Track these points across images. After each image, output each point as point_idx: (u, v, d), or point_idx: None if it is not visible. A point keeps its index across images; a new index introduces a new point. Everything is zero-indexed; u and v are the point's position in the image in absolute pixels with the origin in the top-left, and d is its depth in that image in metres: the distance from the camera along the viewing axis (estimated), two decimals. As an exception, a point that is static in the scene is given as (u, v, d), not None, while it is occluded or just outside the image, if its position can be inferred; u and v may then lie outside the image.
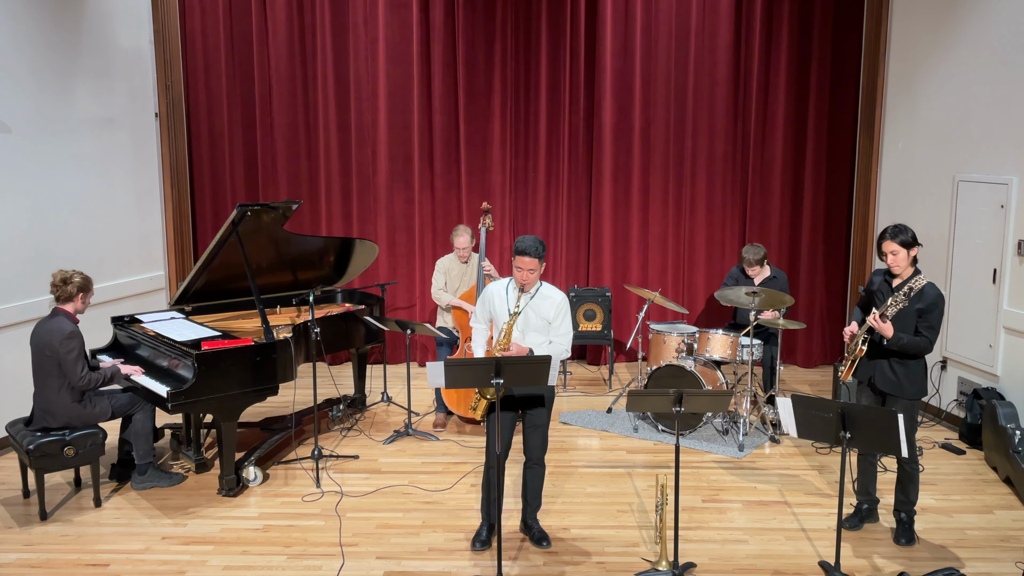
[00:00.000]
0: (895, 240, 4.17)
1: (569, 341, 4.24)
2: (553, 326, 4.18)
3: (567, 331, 4.22)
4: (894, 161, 6.96)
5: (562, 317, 4.19)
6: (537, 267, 4.07)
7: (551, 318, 4.16)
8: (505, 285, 4.24)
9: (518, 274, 4.09)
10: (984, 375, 5.85)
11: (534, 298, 4.16)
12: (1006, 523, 4.62)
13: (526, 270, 4.06)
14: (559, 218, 7.66)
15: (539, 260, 4.06)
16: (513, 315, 4.10)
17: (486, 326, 4.39)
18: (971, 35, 5.96)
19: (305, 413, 6.01)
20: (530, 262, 4.04)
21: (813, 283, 7.67)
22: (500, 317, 4.21)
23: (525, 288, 4.13)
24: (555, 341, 4.20)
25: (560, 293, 4.21)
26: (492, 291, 4.27)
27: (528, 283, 4.10)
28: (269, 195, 7.65)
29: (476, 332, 4.42)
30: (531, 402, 4.19)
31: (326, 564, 4.16)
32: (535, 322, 4.16)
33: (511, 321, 4.10)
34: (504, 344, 4.11)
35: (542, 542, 4.34)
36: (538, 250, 4.04)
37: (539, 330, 4.18)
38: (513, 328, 4.13)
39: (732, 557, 4.24)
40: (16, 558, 4.22)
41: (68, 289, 4.66)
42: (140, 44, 7.00)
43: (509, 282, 4.23)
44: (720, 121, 7.47)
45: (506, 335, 4.12)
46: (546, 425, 4.27)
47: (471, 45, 7.37)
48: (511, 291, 4.20)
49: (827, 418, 3.83)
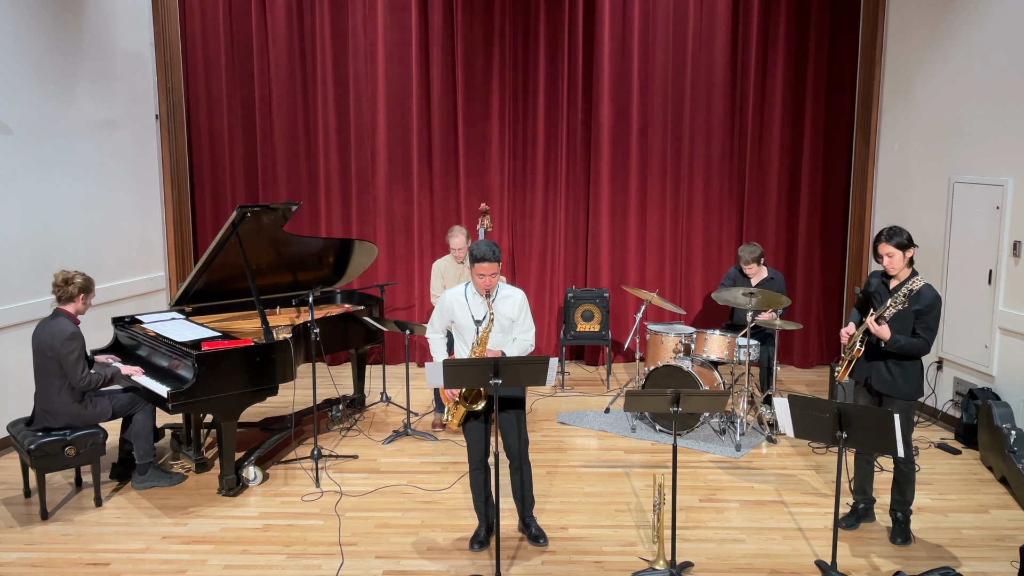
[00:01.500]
0: (890, 243, 4.19)
1: (532, 335, 4.28)
2: (516, 323, 4.22)
3: (530, 326, 4.27)
4: (890, 162, 6.98)
5: (524, 313, 4.24)
6: (497, 271, 4.10)
7: (514, 316, 4.20)
8: (463, 291, 4.23)
9: (480, 280, 4.08)
10: (980, 375, 5.87)
11: (496, 300, 4.17)
12: (1001, 522, 4.64)
13: (488, 276, 4.07)
14: (557, 219, 7.68)
15: (498, 263, 4.09)
16: (489, 323, 4.11)
17: (443, 335, 4.36)
18: (966, 38, 5.98)
19: (305, 413, 6.03)
20: (490, 267, 4.05)
21: (810, 284, 7.69)
22: (463, 324, 4.20)
23: (489, 293, 4.13)
24: (519, 338, 4.23)
25: (518, 290, 4.24)
26: (450, 299, 4.23)
27: (491, 287, 4.12)
28: (269, 196, 7.67)
29: (434, 343, 4.34)
30: (504, 404, 4.19)
31: (325, 563, 4.18)
32: (500, 322, 4.19)
33: (488, 327, 4.11)
34: (481, 352, 4.11)
35: (539, 540, 4.37)
36: (496, 254, 4.07)
37: (504, 330, 4.21)
38: (489, 335, 4.14)
39: (729, 556, 4.26)
40: (17, 557, 4.24)
41: (69, 289, 4.67)
42: (141, 46, 7.03)
43: (466, 287, 4.23)
44: (717, 123, 7.49)
45: (482, 343, 4.13)
46: (523, 422, 4.28)
47: (470, 47, 7.39)
48: (471, 297, 4.20)
49: (824, 418, 3.84)
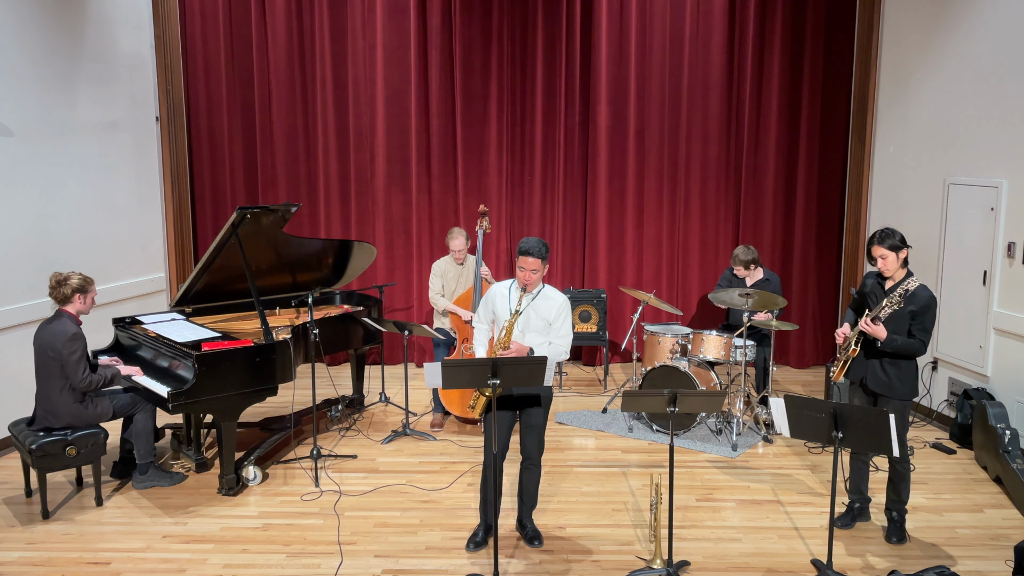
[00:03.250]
0: (883, 245, 4.22)
1: (569, 343, 4.27)
2: (554, 327, 4.21)
3: (567, 333, 4.24)
4: (885, 164, 7.02)
5: (563, 319, 4.22)
6: (540, 268, 4.11)
7: (552, 319, 4.19)
8: (508, 285, 4.28)
9: (521, 274, 4.13)
10: (974, 376, 5.90)
11: (536, 299, 4.19)
12: (996, 522, 4.67)
13: (528, 270, 4.10)
14: (555, 220, 7.71)
15: (542, 261, 4.10)
16: (514, 314, 4.13)
17: (488, 326, 4.40)
18: (961, 41, 6.02)
19: (304, 413, 6.06)
20: (533, 262, 4.08)
21: (806, 285, 7.72)
22: (501, 317, 4.23)
23: (527, 288, 4.16)
24: (554, 342, 4.22)
25: (562, 296, 4.25)
26: (495, 291, 4.30)
27: (531, 283, 4.14)
28: (268, 198, 7.69)
29: (478, 331, 4.43)
30: (528, 402, 4.22)
31: (325, 562, 4.20)
32: (535, 322, 4.19)
33: (512, 320, 4.14)
34: (505, 343, 4.14)
35: (534, 541, 4.38)
36: (541, 251, 4.09)
37: (539, 331, 4.20)
38: (514, 328, 4.16)
39: (726, 555, 4.28)
40: (18, 556, 4.26)
41: (63, 291, 4.68)
42: (141, 49, 7.05)
43: (512, 283, 4.28)
44: (713, 125, 7.52)
45: (507, 334, 4.15)
46: (543, 426, 4.29)
47: (468, 50, 7.42)
48: (513, 291, 4.24)
49: (819, 418, 3.86)
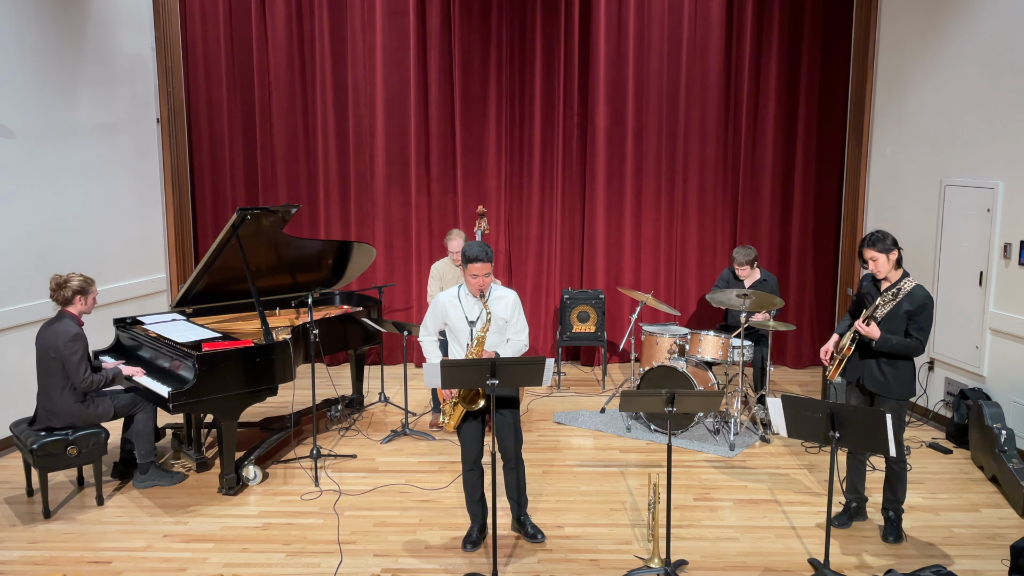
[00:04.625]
0: (873, 248, 4.25)
1: (526, 335, 4.28)
2: (510, 324, 4.23)
3: (523, 326, 4.28)
4: (882, 166, 7.04)
5: (517, 314, 4.25)
6: (490, 271, 4.12)
7: (508, 316, 4.21)
8: (456, 294, 4.23)
9: (474, 281, 4.08)
10: (970, 376, 5.93)
11: (489, 301, 4.18)
12: (992, 521, 4.68)
13: (481, 276, 4.07)
14: (553, 221, 7.73)
15: (490, 264, 4.11)
16: (486, 323, 4.11)
17: (435, 337, 4.36)
18: (957, 42, 6.04)
19: (304, 413, 6.08)
20: (483, 267, 4.06)
21: (803, 285, 7.75)
22: (457, 325, 4.19)
23: (484, 293, 4.14)
24: (512, 339, 4.24)
25: (510, 291, 4.26)
26: (444, 301, 4.23)
27: (485, 287, 4.13)
28: (268, 199, 7.72)
29: (427, 345, 4.34)
30: (500, 404, 4.21)
31: (324, 561, 4.21)
32: (495, 322, 4.19)
33: (485, 327, 4.11)
34: (477, 353, 4.11)
35: (536, 536, 4.40)
36: (488, 255, 4.08)
37: (499, 330, 4.21)
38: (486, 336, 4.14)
39: (723, 555, 4.30)
40: (20, 555, 4.27)
41: (64, 293, 4.70)
42: (142, 51, 7.08)
43: (459, 289, 4.23)
44: (711, 126, 7.54)
45: (479, 344, 4.12)
46: (517, 422, 4.29)
47: (467, 52, 7.45)
48: (464, 298, 4.20)
49: (816, 418, 3.88)
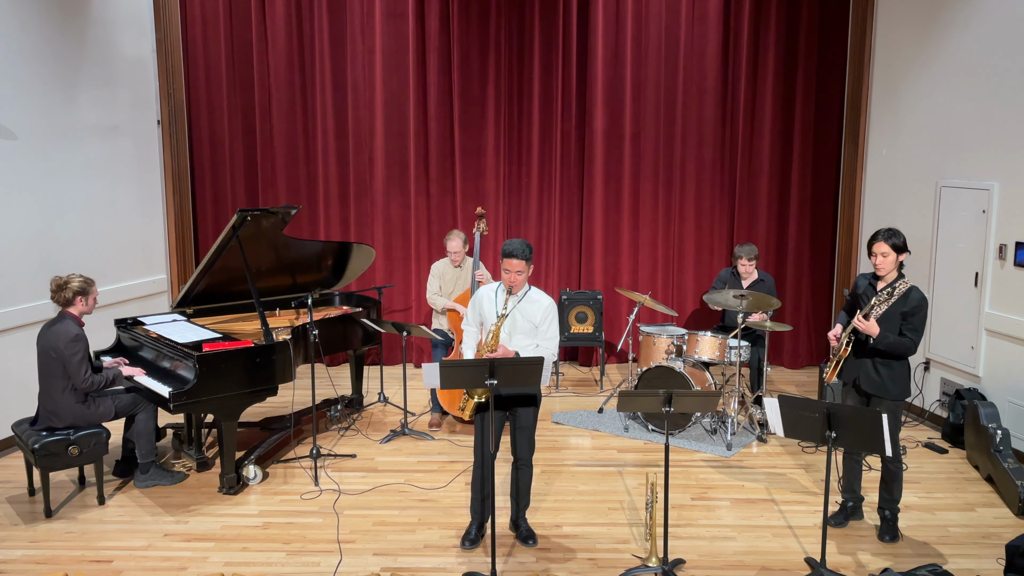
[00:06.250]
0: (887, 242, 4.22)
1: (555, 345, 4.24)
2: (540, 330, 4.19)
3: (553, 335, 4.23)
4: (878, 167, 7.07)
5: (549, 321, 4.20)
6: (524, 269, 4.10)
7: (538, 321, 4.18)
8: (495, 288, 4.27)
9: (506, 276, 4.12)
10: (966, 376, 5.95)
11: (522, 301, 4.18)
12: (987, 520, 4.71)
13: (513, 272, 4.09)
14: (551, 223, 7.76)
15: (526, 262, 4.10)
16: (501, 317, 4.13)
17: (477, 329, 4.39)
18: (953, 45, 6.08)
19: (304, 413, 6.10)
20: (517, 264, 4.07)
21: (799, 286, 7.78)
22: (488, 319, 4.23)
23: (513, 290, 4.16)
24: (541, 345, 4.20)
25: (548, 298, 4.23)
26: (482, 294, 4.31)
27: (516, 285, 4.13)
28: (268, 200, 7.74)
29: (467, 335, 4.43)
30: (519, 403, 4.22)
31: (324, 560, 4.23)
32: (522, 325, 4.18)
33: (499, 323, 4.14)
34: (492, 346, 4.14)
35: (528, 540, 4.40)
36: (524, 252, 4.08)
37: (526, 333, 4.19)
38: (500, 330, 4.17)
39: (720, 554, 4.31)
40: (21, 554, 4.29)
41: (64, 295, 4.71)
42: (143, 53, 7.10)
43: (498, 285, 4.27)
44: (709, 128, 7.57)
45: (494, 337, 4.15)
46: (533, 426, 4.30)
47: (466, 54, 7.48)
48: (500, 294, 4.23)
49: (813, 418, 3.88)
